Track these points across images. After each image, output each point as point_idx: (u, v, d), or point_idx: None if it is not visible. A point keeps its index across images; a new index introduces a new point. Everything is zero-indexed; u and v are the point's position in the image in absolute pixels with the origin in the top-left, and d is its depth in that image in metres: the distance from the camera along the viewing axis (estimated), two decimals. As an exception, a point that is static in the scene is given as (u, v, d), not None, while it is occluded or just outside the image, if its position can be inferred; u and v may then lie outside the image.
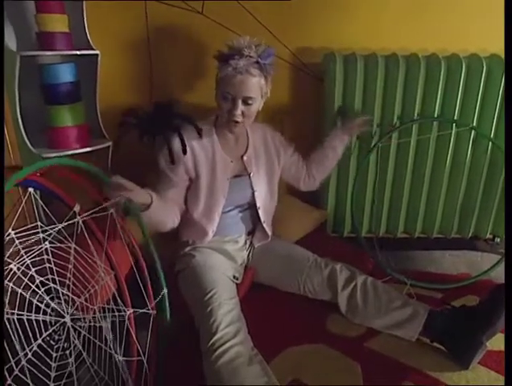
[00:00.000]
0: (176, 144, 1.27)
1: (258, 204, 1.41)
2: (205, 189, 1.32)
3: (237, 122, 1.24)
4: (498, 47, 1.56)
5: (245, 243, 1.46)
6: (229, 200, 1.36)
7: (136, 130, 1.42)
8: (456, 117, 1.60)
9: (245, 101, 1.22)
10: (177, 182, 1.30)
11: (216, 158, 1.32)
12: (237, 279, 1.36)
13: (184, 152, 1.26)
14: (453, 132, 1.62)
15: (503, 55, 1.53)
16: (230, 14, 1.52)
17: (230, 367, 1.01)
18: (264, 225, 1.44)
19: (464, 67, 1.52)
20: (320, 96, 1.67)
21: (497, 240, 1.85)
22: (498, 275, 1.55)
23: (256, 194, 1.39)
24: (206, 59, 1.58)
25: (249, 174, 1.38)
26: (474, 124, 1.61)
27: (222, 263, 1.35)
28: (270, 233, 1.47)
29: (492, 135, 1.63)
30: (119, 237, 1.24)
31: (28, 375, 0.86)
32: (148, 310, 1.16)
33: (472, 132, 1.62)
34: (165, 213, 1.26)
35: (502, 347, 1.20)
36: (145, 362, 1.11)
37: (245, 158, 1.38)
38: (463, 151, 1.66)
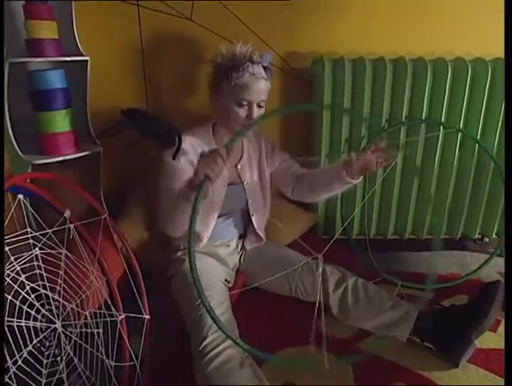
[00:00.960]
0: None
1: (251, 212, 1.41)
2: None
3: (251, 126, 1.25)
4: (483, 51, 1.59)
5: (237, 246, 1.46)
6: (223, 207, 1.36)
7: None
8: (443, 120, 1.62)
9: (259, 104, 1.25)
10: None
11: None
12: (228, 282, 1.36)
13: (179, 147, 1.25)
14: (441, 134, 1.64)
15: (488, 59, 1.56)
16: (219, 20, 1.53)
17: (221, 370, 1.01)
18: (258, 231, 1.44)
19: (450, 70, 1.54)
20: (309, 101, 1.69)
21: (486, 239, 1.87)
22: (488, 274, 1.57)
23: (250, 202, 1.40)
24: (197, 65, 1.59)
25: (243, 183, 1.38)
26: (461, 126, 1.63)
27: (214, 267, 1.35)
28: (263, 237, 1.47)
29: (478, 137, 1.65)
30: (112, 241, 1.25)
31: (19, 382, 0.86)
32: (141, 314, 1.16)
33: (459, 134, 1.65)
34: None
35: (491, 345, 1.22)
36: (137, 367, 1.11)
37: (239, 166, 1.38)
38: (450, 153, 1.68)
